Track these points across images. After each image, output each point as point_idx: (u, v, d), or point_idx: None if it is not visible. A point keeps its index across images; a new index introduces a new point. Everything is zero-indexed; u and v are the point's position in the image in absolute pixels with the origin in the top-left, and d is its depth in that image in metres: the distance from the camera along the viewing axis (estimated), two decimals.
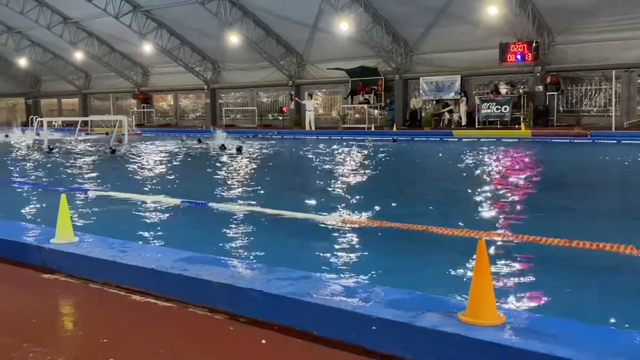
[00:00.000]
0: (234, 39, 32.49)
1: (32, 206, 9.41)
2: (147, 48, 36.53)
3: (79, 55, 40.84)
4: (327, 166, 15.00)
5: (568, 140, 21.80)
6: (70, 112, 47.14)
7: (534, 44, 25.68)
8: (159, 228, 7.40)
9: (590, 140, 21.46)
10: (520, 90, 27.94)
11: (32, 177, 13.76)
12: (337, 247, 6.36)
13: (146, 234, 6.91)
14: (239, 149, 19.37)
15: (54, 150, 20.92)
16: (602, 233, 6.64)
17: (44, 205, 9.41)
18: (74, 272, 4.63)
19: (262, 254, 6.05)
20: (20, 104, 49.59)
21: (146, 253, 4.59)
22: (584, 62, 25.87)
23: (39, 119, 30.69)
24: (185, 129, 35.98)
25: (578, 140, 21.65)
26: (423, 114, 30.23)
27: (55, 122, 34.80)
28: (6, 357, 3.11)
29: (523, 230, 6.85)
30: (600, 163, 16.24)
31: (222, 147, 19.99)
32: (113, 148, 20.04)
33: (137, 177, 13.29)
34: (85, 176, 13.47)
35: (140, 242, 5.92)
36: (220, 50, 36.02)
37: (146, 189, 11.03)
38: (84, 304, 4.08)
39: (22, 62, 44.51)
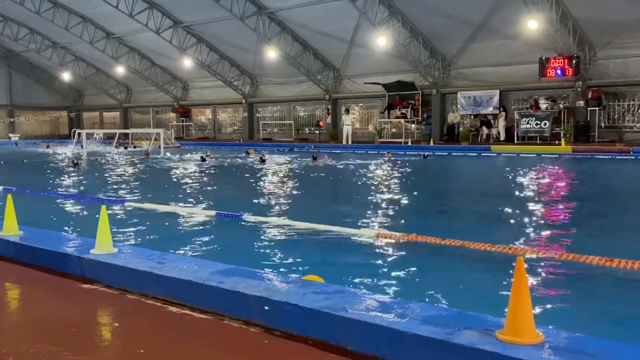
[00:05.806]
0: (272, 53, 32.83)
1: (72, 217, 9.59)
2: (187, 63, 37.18)
3: (120, 70, 41.78)
4: (361, 181, 14.96)
5: (610, 157, 21.36)
6: (112, 125, 48.07)
7: (575, 59, 25.31)
8: (194, 239, 7.47)
9: (633, 157, 20.99)
10: (561, 106, 27.51)
11: (72, 188, 14.04)
12: (371, 261, 6.33)
13: (181, 245, 6.98)
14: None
15: (88, 163, 21.56)
16: None
17: (84, 216, 9.59)
18: (113, 282, 4.69)
19: (295, 266, 6.05)
20: (63, 117, 50.79)
21: (183, 265, 4.60)
22: (626, 77, 25.40)
23: (78, 131, 31.38)
24: (223, 142, 36.40)
25: (620, 157, 21.20)
26: (461, 129, 30.00)
27: (97, 134, 35.56)
28: None
29: (563, 248, 6.72)
30: None
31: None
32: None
33: (174, 187, 13.45)
34: (125, 187, 13.68)
35: (175, 253, 5.97)
36: (258, 64, 36.41)
37: (182, 199, 11.15)
38: (121, 314, 4.13)
39: (66, 76, 45.67)
